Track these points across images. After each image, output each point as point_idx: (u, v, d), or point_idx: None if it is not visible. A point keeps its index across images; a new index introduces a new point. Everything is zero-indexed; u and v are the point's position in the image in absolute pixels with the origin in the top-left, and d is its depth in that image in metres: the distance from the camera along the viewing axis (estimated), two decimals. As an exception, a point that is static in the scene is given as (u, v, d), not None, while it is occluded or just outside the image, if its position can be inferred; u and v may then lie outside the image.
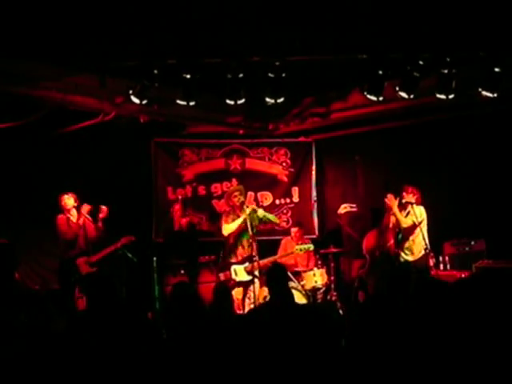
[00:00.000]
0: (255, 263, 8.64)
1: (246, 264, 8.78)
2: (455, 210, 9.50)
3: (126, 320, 4.92)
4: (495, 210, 9.16)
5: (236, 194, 9.00)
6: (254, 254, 8.68)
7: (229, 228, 8.89)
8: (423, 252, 8.51)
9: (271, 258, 9.17)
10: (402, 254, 8.75)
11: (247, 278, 8.77)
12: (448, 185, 9.73)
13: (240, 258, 8.87)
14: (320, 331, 5.03)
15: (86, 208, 8.70)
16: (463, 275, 8.22)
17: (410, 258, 8.66)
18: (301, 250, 9.46)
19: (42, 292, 7.86)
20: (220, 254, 9.28)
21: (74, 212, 8.71)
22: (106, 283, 5.18)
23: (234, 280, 8.79)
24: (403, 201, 8.70)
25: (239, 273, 8.79)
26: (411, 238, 8.70)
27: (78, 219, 8.68)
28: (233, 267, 8.83)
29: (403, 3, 6.74)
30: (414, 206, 8.58)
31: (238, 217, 8.86)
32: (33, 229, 9.23)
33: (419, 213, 8.62)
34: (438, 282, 5.60)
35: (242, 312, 8.40)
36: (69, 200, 8.65)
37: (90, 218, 8.74)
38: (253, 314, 5.22)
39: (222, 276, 8.97)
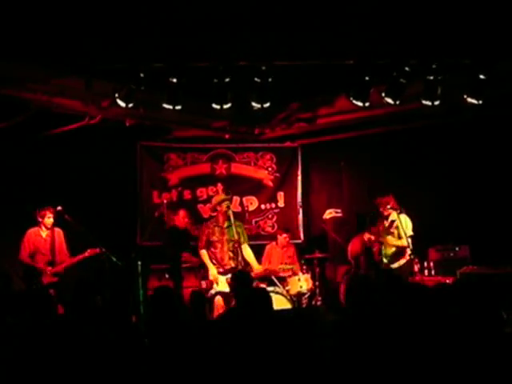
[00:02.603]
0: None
1: (228, 275, 8.75)
2: (440, 216, 9.55)
3: (105, 324, 4.91)
4: (479, 216, 9.21)
5: (227, 203, 8.94)
6: (239, 266, 8.68)
7: (203, 256, 8.92)
8: (407, 258, 8.53)
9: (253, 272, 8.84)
10: (385, 261, 8.78)
11: (227, 289, 8.73)
12: (433, 191, 9.77)
13: (222, 269, 8.83)
14: (304, 336, 5.02)
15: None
16: (448, 281, 8.24)
17: (394, 266, 8.69)
18: (284, 269, 9.42)
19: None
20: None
21: (46, 227, 8.81)
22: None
23: (214, 289, 8.75)
24: (389, 219, 8.72)
25: (220, 283, 8.74)
26: (394, 247, 8.73)
27: (47, 234, 8.78)
28: (216, 276, 8.79)
29: (390, 10, 6.76)
30: (401, 216, 8.61)
31: (221, 228, 8.82)
32: (11, 230, 9.16)
33: (405, 223, 8.63)
34: (419, 286, 5.63)
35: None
36: (49, 219, 8.75)
37: (60, 233, 8.82)
38: (220, 319, 5.20)
39: (203, 284, 8.94)
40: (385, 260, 8.77)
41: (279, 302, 8.35)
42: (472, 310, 4.37)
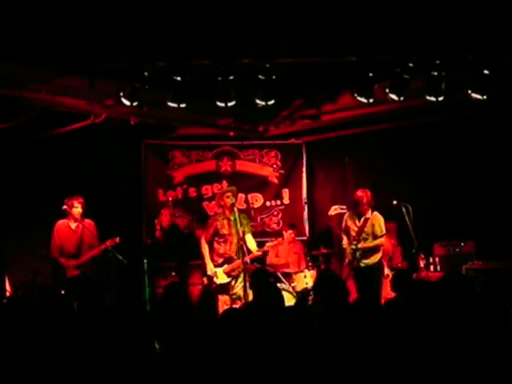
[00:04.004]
0: (233, 264, 8.69)
1: (225, 266, 8.79)
2: (445, 212, 9.54)
3: (113, 321, 4.92)
4: (485, 211, 9.20)
5: (228, 194, 8.99)
6: (232, 255, 8.74)
7: (203, 249, 8.96)
8: (380, 255, 8.58)
9: (250, 256, 8.80)
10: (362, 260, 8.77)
11: (227, 280, 8.77)
12: (438, 186, 9.76)
13: (219, 260, 8.88)
14: (312, 333, 5.03)
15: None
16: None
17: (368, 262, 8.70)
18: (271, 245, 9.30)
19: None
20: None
21: (75, 218, 8.62)
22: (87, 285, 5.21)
23: (215, 283, 8.80)
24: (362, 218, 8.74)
25: (219, 275, 8.79)
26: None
27: (77, 226, 8.63)
28: (214, 270, 8.85)
29: (393, 6, 6.76)
30: (376, 216, 8.65)
31: (228, 220, 8.85)
32: (21, 230, 9.18)
33: (379, 221, 8.68)
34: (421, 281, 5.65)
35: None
36: (76, 209, 8.54)
37: (90, 225, 8.72)
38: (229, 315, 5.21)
39: (205, 280, 9.00)
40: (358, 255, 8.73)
41: (285, 299, 8.37)
42: (478, 305, 4.39)
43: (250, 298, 8.33)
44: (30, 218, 8.97)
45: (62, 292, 7.68)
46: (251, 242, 8.96)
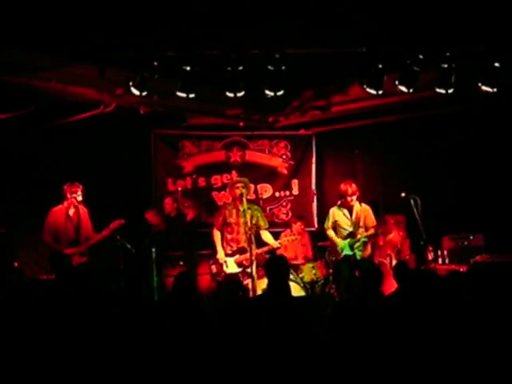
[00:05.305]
0: (246, 254, 8.69)
1: (237, 256, 8.83)
2: (454, 205, 9.52)
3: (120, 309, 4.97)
4: (494, 204, 9.18)
5: (238, 185, 9.00)
6: (245, 246, 8.73)
7: (215, 237, 9.04)
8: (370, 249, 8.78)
9: (265, 248, 8.97)
10: (357, 253, 8.81)
11: (237, 269, 8.80)
12: (447, 179, 9.74)
13: (231, 250, 8.91)
14: (317, 324, 5.06)
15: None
16: (461, 269, 8.24)
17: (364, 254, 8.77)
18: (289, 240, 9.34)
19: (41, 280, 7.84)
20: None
21: (73, 204, 8.61)
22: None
23: (224, 272, 8.83)
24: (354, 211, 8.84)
25: (230, 265, 8.83)
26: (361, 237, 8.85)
27: (74, 212, 8.61)
28: (224, 259, 8.88)
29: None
30: (365, 208, 8.81)
31: (237, 209, 8.87)
32: (32, 217, 9.21)
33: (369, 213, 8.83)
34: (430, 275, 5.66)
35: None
36: (78, 197, 8.54)
37: (86, 210, 8.73)
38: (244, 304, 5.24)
39: (214, 268, 9.03)
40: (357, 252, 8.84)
41: (293, 290, 8.38)
42: (485, 298, 4.39)
43: (258, 289, 8.38)
44: (39, 206, 8.99)
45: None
46: (267, 237, 9.05)
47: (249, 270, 8.68)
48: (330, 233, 9.09)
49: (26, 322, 4.88)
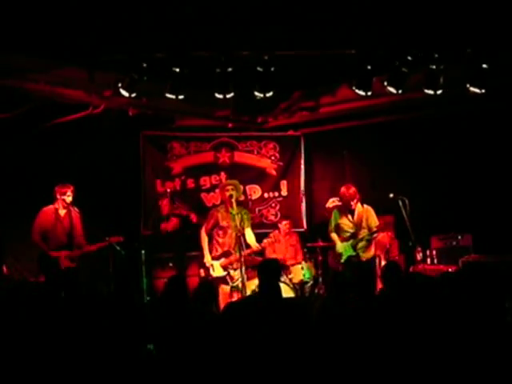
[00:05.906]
0: (231, 257, 8.70)
1: (222, 259, 8.80)
2: (442, 205, 9.55)
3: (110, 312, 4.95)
4: (482, 205, 9.22)
5: (228, 188, 8.94)
6: (231, 249, 8.74)
7: (203, 240, 8.98)
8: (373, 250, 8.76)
9: (248, 250, 8.76)
10: (361, 253, 8.83)
11: (223, 273, 8.78)
12: (435, 179, 9.77)
13: (217, 253, 8.89)
14: (307, 324, 5.06)
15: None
16: (450, 269, 8.27)
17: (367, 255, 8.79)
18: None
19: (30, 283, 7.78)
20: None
21: (64, 205, 8.55)
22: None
23: (211, 276, 8.81)
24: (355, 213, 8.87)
25: (216, 268, 8.80)
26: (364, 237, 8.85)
27: (65, 213, 8.56)
28: (211, 263, 8.86)
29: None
30: (368, 208, 8.80)
31: (229, 213, 8.81)
32: (20, 222, 9.16)
33: (372, 214, 8.83)
34: (424, 276, 5.66)
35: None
36: (68, 198, 8.47)
37: (78, 212, 8.67)
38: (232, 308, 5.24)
39: (202, 272, 9.00)
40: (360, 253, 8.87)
41: (282, 291, 8.38)
42: (474, 298, 4.40)
43: (248, 290, 8.38)
44: (29, 208, 8.94)
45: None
46: (250, 237, 8.96)
47: (232, 272, 8.71)
48: (333, 235, 9.08)
49: (14, 323, 4.85)
